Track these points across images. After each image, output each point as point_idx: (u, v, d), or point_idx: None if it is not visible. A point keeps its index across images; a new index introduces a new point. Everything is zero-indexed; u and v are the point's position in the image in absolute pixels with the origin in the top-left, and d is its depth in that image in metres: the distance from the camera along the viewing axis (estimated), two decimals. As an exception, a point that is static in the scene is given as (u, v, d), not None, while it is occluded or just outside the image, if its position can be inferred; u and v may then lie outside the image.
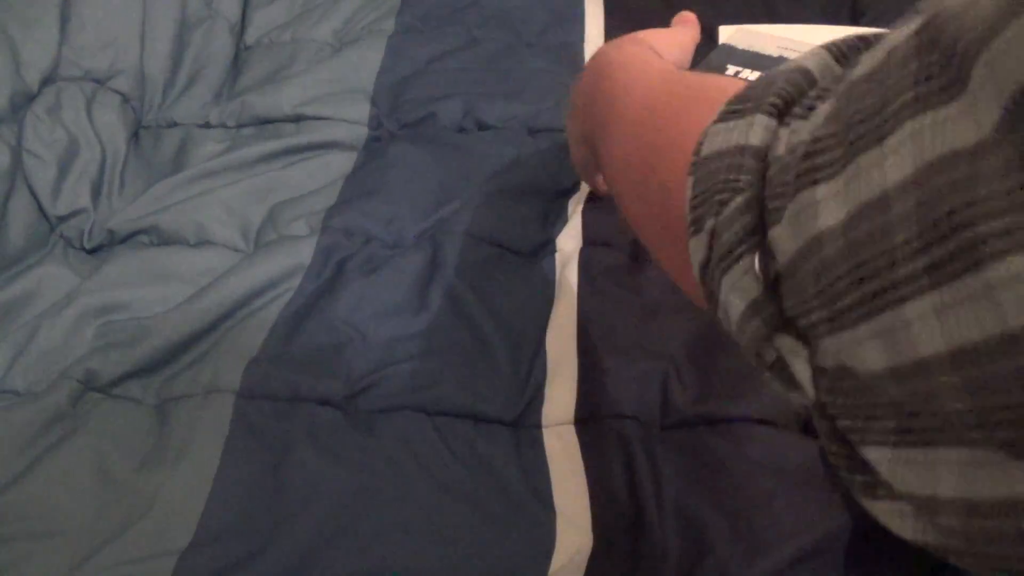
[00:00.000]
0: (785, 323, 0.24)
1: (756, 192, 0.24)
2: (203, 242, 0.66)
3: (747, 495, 0.46)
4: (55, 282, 0.64)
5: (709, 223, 0.26)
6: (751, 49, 0.68)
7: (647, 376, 0.53)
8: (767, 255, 0.24)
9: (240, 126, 0.78)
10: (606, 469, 0.49)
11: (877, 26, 0.83)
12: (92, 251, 0.67)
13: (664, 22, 0.88)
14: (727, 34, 0.84)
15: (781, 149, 0.24)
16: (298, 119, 0.77)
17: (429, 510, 0.47)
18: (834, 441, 0.22)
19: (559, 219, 0.66)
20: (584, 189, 0.68)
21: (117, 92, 0.76)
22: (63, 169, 0.70)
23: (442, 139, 0.74)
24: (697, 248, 0.27)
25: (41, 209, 0.68)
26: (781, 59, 0.48)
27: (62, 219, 0.68)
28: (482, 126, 0.75)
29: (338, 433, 0.52)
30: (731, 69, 0.63)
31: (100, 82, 0.76)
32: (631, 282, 0.60)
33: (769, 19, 0.87)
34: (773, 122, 0.25)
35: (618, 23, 0.88)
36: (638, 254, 0.62)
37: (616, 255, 0.62)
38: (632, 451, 0.49)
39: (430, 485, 0.49)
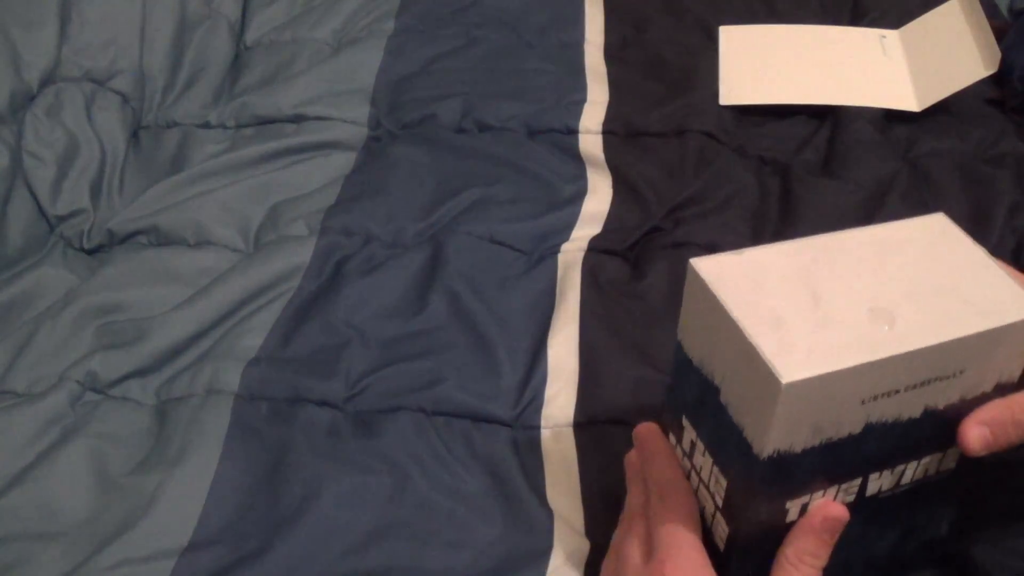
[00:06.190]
0: None
1: None
2: (203, 242, 0.66)
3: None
4: (54, 283, 0.64)
5: None
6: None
7: (646, 382, 0.53)
8: None
9: (240, 126, 0.78)
10: (602, 473, 0.49)
11: (877, 27, 0.83)
12: (91, 251, 0.67)
13: (664, 22, 0.88)
14: (727, 34, 0.84)
15: None
16: (298, 119, 0.77)
17: (428, 510, 0.47)
18: None
19: (561, 220, 0.66)
20: (590, 190, 0.68)
21: (117, 92, 0.76)
22: (63, 169, 0.70)
23: (442, 139, 0.74)
24: None
25: (41, 209, 0.68)
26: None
27: (62, 219, 0.68)
28: (482, 126, 0.75)
29: (337, 434, 0.52)
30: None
31: (100, 82, 0.76)
32: (633, 289, 0.60)
33: (770, 19, 0.87)
34: None
35: (618, 23, 0.89)
36: (640, 261, 0.62)
37: (619, 261, 0.62)
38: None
39: (429, 485, 0.49)
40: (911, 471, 0.36)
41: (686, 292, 0.36)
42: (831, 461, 0.33)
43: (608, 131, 0.74)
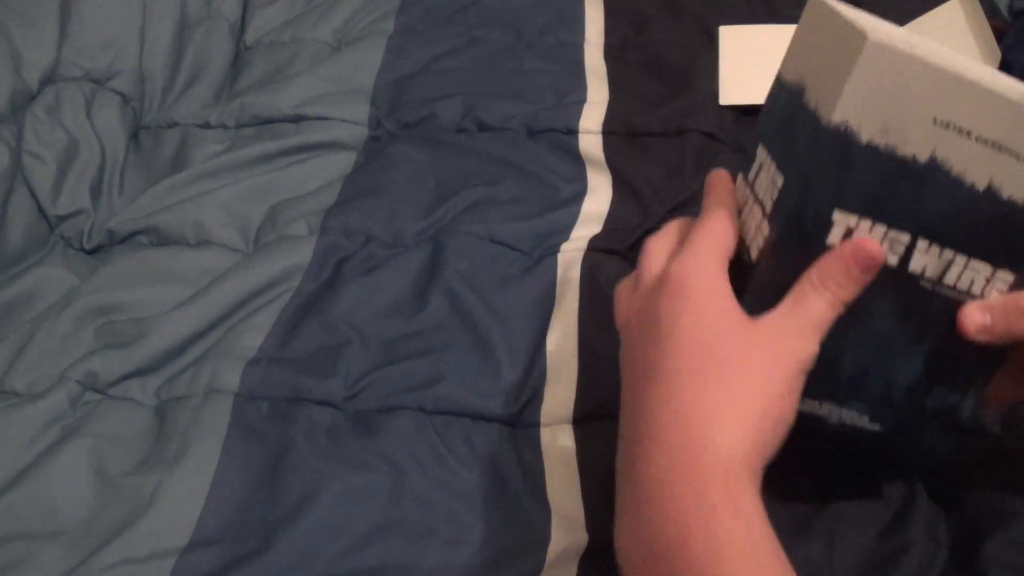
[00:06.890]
0: None
1: None
2: (203, 242, 0.66)
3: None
4: (54, 282, 0.64)
5: None
6: None
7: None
8: None
9: (240, 126, 0.78)
10: (601, 469, 0.49)
11: (877, 26, 0.83)
12: (92, 251, 0.67)
13: (664, 22, 0.88)
14: (727, 34, 0.84)
15: None
16: (298, 119, 0.77)
17: (427, 508, 0.48)
18: None
19: (560, 219, 0.66)
20: (590, 190, 0.68)
21: (117, 92, 0.76)
22: (63, 169, 0.70)
23: (442, 139, 0.74)
24: None
25: (41, 209, 0.68)
26: None
27: (62, 219, 0.68)
28: (482, 126, 0.75)
29: (337, 433, 0.52)
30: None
31: (100, 82, 0.76)
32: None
33: (770, 19, 0.87)
34: None
35: (618, 23, 0.89)
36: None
37: (619, 260, 0.62)
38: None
39: (428, 484, 0.49)
40: (957, 269, 0.36)
41: (800, 24, 0.39)
42: (888, 187, 0.34)
43: (608, 131, 0.74)
